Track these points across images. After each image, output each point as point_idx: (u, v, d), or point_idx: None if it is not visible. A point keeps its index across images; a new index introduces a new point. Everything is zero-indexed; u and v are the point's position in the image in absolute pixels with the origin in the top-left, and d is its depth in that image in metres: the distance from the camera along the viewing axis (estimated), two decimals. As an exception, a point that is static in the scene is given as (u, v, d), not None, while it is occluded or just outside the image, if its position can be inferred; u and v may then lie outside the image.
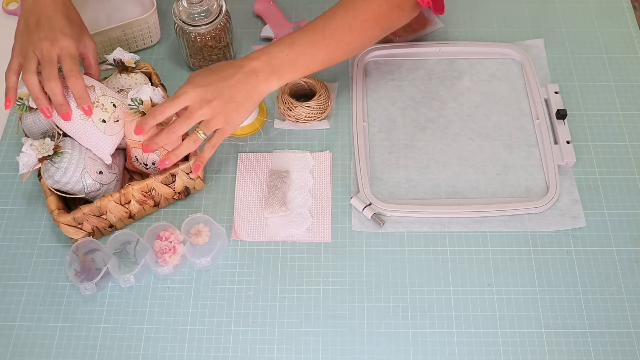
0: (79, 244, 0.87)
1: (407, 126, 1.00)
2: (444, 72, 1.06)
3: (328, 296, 0.86)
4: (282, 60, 0.85)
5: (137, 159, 0.90)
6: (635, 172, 0.95)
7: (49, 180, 0.83)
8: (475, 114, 1.01)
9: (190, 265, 0.88)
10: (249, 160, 0.97)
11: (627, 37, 1.10)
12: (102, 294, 0.87)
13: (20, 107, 0.84)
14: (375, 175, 0.95)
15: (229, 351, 0.83)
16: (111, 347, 0.83)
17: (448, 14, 1.13)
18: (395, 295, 0.86)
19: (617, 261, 0.88)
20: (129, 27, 1.04)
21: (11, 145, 1.00)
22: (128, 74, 0.94)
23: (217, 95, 0.82)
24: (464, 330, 0.83)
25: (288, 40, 0.87)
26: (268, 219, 0.92)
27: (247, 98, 0.84)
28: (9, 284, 0.88)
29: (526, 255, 0.89)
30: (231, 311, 0.85)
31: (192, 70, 1.07)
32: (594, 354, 0.82)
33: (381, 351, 0.82)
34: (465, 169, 0.96)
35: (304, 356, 0.82)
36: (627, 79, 1.05)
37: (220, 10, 0.98)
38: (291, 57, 0.86)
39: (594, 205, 0.93)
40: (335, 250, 0.90)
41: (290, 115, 0.99)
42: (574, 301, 0.85)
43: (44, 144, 0.82)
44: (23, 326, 0.85)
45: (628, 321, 0.84)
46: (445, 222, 0.91)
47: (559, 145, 0.96)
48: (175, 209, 0.94)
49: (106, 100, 0.86)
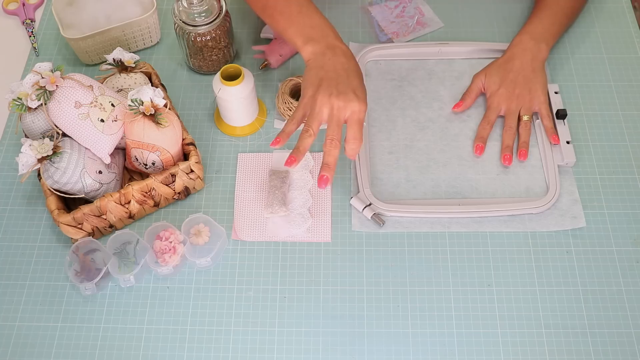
0: (79, 244, 0.87)
1: (407, 126, 1.00)
2: (444, 72, 1.06)
3: (328, 296, 0.86)
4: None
5: (136, 158, 0.90)
6: (635, 172, 0.95)
7: (48, 180, 0.83)
8: (475, 114, 1.01)
9: (190, 265, 0.88)
10: (249, 160, 0.97)
11: (627, 37, 1.10)
12: (102, 294, 0.87)
13: (19, 107, 0.84)
14: (375, 175, 0.95)
15: (229, 351, 0.83)
16: (111, 347, 0.83)
17: (448, 14, 1.13)
18: (395, 295, 0.86)
19: (617, 261, 0.88)
20: (129, 27, 1.04)
21: (11, 146, 1.00)
22: (128, 74, 0.94)
23: (332, 89, 0.80)
24: (464, 330, 0.83)
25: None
26: (268, 219, 0.92)
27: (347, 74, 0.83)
28: (9, 284, 0.88)
29: (526, 255, 0.89)
30: (231, 311, 0.85)
31: (192, 70, 1.07)
32: (594, 354, 0.82)
33: (381, 351, 0.82)
34: (465, 169, 0.96)
35: (304, 356, 0.82)
36: (627, 79, 1.05)
37: (220, 10, 0.98)
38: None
39: (594, 205, 0.93)
40: (335, 250, 0.90)
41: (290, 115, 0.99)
42: (574, 301, 0.85)
43: (43, 144, 0.82)
44: (23, 326, 0.85)
45: (628, 321, 0.84)
46: (445, 222, 0.91)
47: (559, 145, 0.96)
48: (175, 209, 0.94)
49: (105, 99, 0.86)
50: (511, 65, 0.99)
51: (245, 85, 0.93)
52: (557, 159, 0.95)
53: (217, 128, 1.01)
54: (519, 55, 0.99)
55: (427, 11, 1.13)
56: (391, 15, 1.12)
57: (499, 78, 0.99)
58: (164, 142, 0.87)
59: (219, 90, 0.93)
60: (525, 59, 0.99)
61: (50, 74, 0.84)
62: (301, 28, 0.87)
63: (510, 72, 0.99)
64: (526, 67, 0.98)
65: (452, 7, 1.14)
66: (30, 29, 1.13)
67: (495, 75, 1.00)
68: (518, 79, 0.98)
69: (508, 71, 0.99)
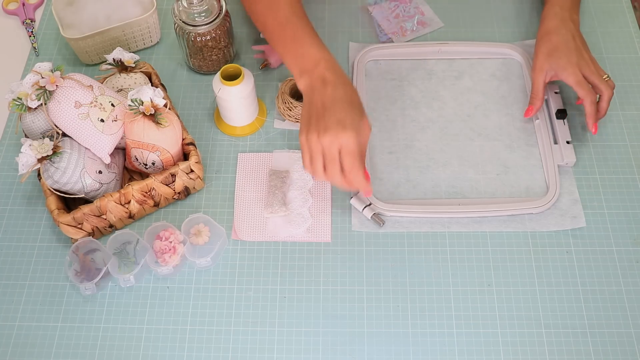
0: (79, 244, 0.87)
1: (407, 126, 1.00)
2: (444, 72, 1.06)
3: (328, 296, 0.86)
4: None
5: (136, 158, 0.90)
6: (635, 172, 0.95)
7: (48, 180, 0.83)
8: (475, 114, 1.01)
9: (190, 265, 0.88)
10: (249, 160, 0.97)
11: (627, 37, 1.10)
12: (102, 294, 0.87)
13: (19, 107, 0.84)
14: (375, 175, 0.95)
15: (229, 351, 0.83)
16: (111, 347, 0.83)
17: (448, 14, 1.13)
18: (395, 295, 0.86)
19: (617, 261, 0.88)
20: (129, 27, 1.04)
21: (11, 146, 1.00)
22: (128, 74, 0.94)
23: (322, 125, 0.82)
24: (464, 330, 0.83)
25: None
26: (268, 219, 0.92)
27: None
28: (9, 284, 0.88)
29: (526, 255, 0.89)
30: (231, 311, 0.85)
31: (192, 70, 1.07)
32: (594, 354, 0.82)
33: (381, 351, 0.82)
34: (465, 169, 0.96)
35: (304, 356, 0.82)
36: (627, 79, 1.05)
37: (220, 10, 0.98)
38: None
39: (594, 205, 0.93)
40: (335, 250, 0.90)
41: (290, 115, 0.99)
42: (574, 301, 0.85)
43: (43, 144, 0.82)
44: (23, 326, 0.85)
45: (628, 321, 0.84)
46: (445, 222, 0.91)
47: (558, 145, 0.96)
48: (175, 209, 0.94)
49: (104, 99, 0.86)
50: (559, 37, 0.96)
51: (245, 85, 0.93)
52: (557, 158, 0.95)
53: (217, 128, 1.01)
54: (559, 26, 0.97)
55: (427, 11, 1.13)
56: (391, 15, 1.12)
57: (564, 54, 0.95)
58: (164, 142, 0.87)
59: (219, 90, 0.93)
60: (566, 28, 0.97)
61: (50, 74, 0.84)
62: (295, 58, 0.87)
63: (566, 42, 0.96)
64: (572, 36, 0.97)
65: (452, 7, 1.14)
66: (30, 29, 1.13)
67: (558, 57, 0.95)
68: (578, 46, 0.96)
69: (564, 44, 0.95)
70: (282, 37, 0.89)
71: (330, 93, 0.82)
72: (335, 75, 0.84)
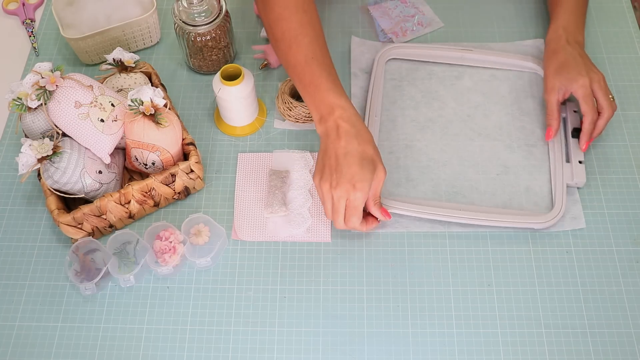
0: (79, 244, 0.87)
1: (407, 126, 1.00)
2: (444, 72, 1.06)
3: (328, 296, 0.86)
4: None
5: (136, 158, 0.90)
6: (635, 172, 0.95)
7: (48, 180, 0.83)
8: (475, 114, 1.01)
9: (190, 265, 0.88)
10: (249, 160, 0.97)
11: (627, 37, 1.10)
12: (102, 294, 0.87)
13: (19, 107, 0.84)
14: (375, 175, 0.95)
15: (229, 351, 0.83)
16: (111, 347, 0.83)
17: (448, 14, 1.13)
18: (395, 295, 0.86)
19: (617, 261, 0.88)
20: (129, 27, 1.04)
21: (11, 146, 1.00)
22: (128, 74, 0.94)
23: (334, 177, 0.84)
24: (464, 330, 0.83)
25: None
26: (268, 219, 0.92)
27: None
28: (9, 284, 0.88)
29: (526, 255, 0.89)
30: (231, 311, 0.85)
31: (192, 70, 1.07)
32: (594, 354, 0.82)
33: (381, 351, 0.82)
34: (465, 169, 0.96)
35: (304, 356, 0.82)
36: (627, 79, 1.05)
37: (220, 10, 0.98)
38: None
39: (594, 205, 0.93)
40: (335, 250, 0.90)
41: (290, 115, 0.99)
42: (574, 301, 0.85)
43: (43, 144, 0.82)
44: (23, 326, 0.85)
45: (628, 321, 0.84)
46: (445, 222, 0.91)
47: (570, 164, 0.94)
48: (175, 209, 0.94)
49: (104, 99, 0.86)
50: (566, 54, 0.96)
51: (245, 85, 0.93)
52: (567, 177, 0.93)
53: (217, 128, 1.01)
54: (564, 46, 0.97)
55: (427, 11, 1.13)
56: (391, 15, 1.12)
57: (574, 67, 0.95)
58: (164, 142, 0.87)
59: (219, 90, 0.93)
60: (572, 47, 0.97)
61: (50, 73, 0.84)
62: (313, 102, 0.87)
63: (574, 58, 0.95)
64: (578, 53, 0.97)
65: (452, 7, 1.14)
66: (30, 29, 1.13)
67: (567, 71, 0.95)
68: (586, 62, 0.96)
69: (572, 59, 0.95)
70: (302, 80, 0.88)
71: (343, 146, 0.83)
72: (349, 124, 0.84)
